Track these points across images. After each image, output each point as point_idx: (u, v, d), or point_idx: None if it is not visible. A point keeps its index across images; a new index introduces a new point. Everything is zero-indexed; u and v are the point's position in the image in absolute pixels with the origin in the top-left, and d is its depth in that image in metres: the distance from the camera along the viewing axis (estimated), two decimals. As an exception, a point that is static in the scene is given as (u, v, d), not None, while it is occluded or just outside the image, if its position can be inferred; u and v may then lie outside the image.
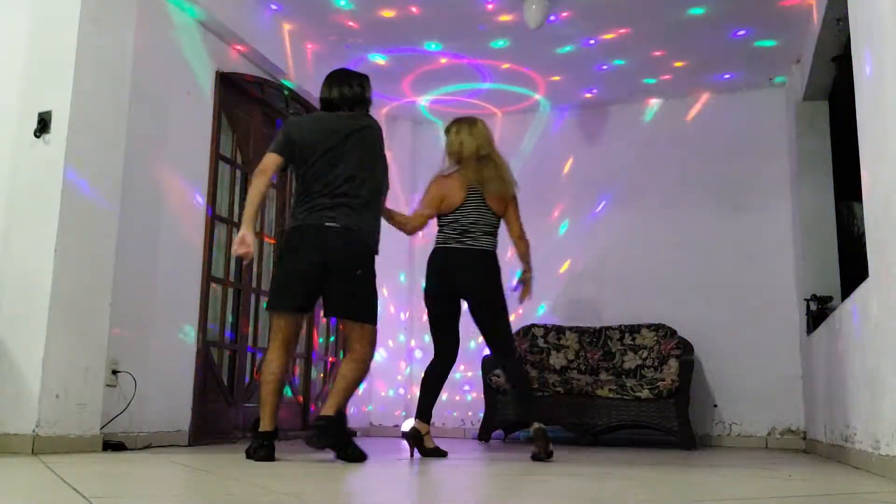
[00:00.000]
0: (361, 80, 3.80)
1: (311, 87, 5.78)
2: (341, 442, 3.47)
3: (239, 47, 5.05)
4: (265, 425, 3.49)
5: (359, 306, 3.54)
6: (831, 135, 5.41)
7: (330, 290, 3.51)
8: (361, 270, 3.52)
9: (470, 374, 6.60)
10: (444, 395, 6.71)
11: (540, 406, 4.27)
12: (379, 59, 5.90)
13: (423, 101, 6.66)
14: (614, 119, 6.65)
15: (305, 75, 5.70)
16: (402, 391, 6.73)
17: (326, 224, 3.46)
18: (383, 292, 6.91)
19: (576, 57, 5.79)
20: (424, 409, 4.08)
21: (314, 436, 3.44)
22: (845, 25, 3.78)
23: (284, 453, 3.90)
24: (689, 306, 6.10)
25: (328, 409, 3.49)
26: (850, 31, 3.47)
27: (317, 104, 5.92)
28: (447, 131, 4.28)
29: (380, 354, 6.82)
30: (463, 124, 4.22)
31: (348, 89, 3.73)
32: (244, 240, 3.48)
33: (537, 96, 6.53)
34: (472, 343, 6.72)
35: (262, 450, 3.40)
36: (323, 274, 3.47)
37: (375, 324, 3.58)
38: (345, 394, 3.56)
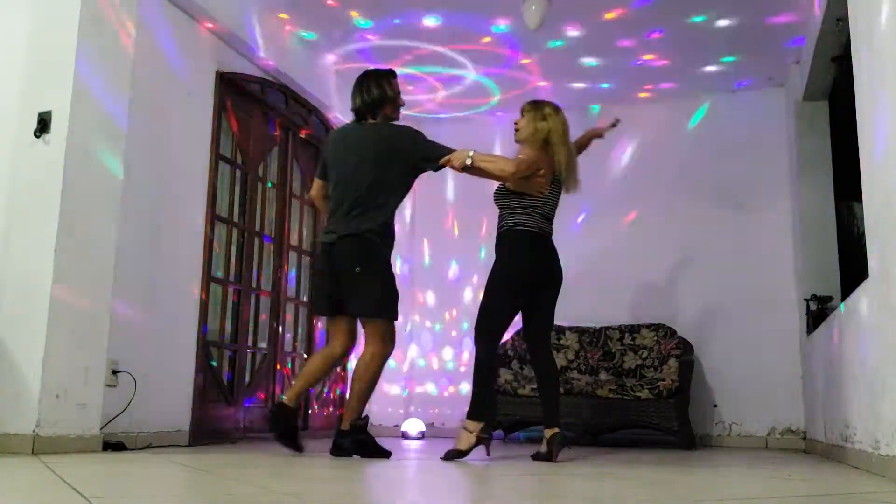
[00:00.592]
0: (379, 80, 3.88)
1: (312, 87, 5.78)
2: (364, 450, 3.69)
3: (239, 47, 5.05)
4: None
5: (363, 303, 3.69)
6: (831, 135, 5.41)
7: (343, 294, 3.72)
8: (360, 268, 3.64)
9: (470, 374, 6.60)
10: (446, 394, 6.75)
11: (561, 409, 3.95)
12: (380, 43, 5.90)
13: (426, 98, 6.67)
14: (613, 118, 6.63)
15: (306, 75, 5.70)
16: (402, 391, 6.72)
17: (337, 238, 3.71)
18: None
19: (576, 57, 5.78)
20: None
21: (335, 451, 3.71)
22: (845, 25, 3.78)
23: (288, 452, 3.90)
24: (689, 306, 6.11)
25: (345, 423, 3.70)
26: (850, 31, 3.47)
27: (317, 104, 5.97)
28: (524, 111, 3.99)
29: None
30: (543, 106, 3.95)
31: (367, 95, 3.85)
32: None
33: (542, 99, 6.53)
34: (468, 346, 6.73)
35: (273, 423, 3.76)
36: (334, 280, 3.71)
37: (386, 317, 3.74)
38: (359, 398, 3.70)
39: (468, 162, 3.68)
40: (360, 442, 3.70)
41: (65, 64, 3.62)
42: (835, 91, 5.20)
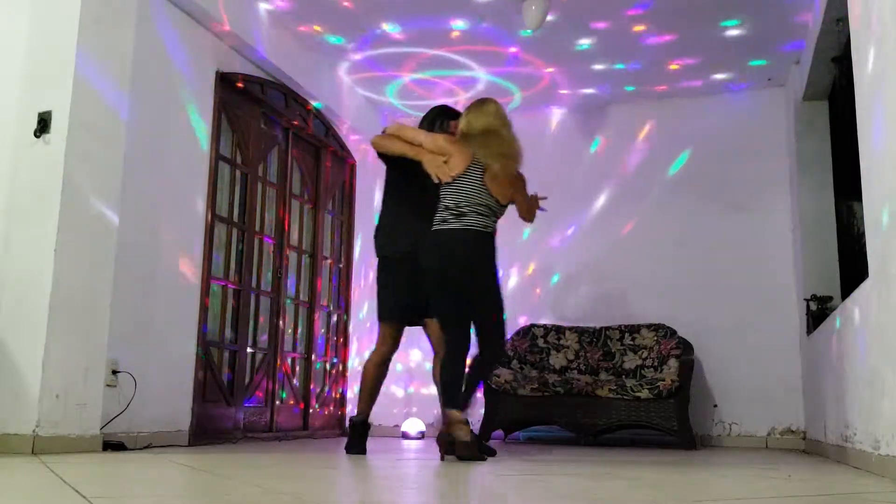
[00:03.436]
0: (428, 115, 4.15)
1: (312, 87, 5.78)
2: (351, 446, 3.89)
3: (239, 47, 5.05)
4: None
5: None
6: (831, 135, 5.41)
7: None
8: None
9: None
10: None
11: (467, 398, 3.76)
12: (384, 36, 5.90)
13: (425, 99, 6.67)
14: (614, 119, 6.65)
15: (306, 75, 5.70)
16: (402, 391, 6.72)
17: None
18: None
19: (575, 57, 5.79)
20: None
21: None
22: (845, 25, 3.78)
23: (285, 453, 3.90)
24: (689, 306, 6.10)
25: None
26: (850, 31, 3.47)
27: (317, 104, 5.96)
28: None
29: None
30: (473, 105, 3.91)
31: (420, 125, 4.15)
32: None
33: (541, 100, 6.53)
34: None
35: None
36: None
37: (380, 320, 3.98)
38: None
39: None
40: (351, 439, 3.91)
41: (65, 64, 3.62)
42: (835, 91, 5.20)
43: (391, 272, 3.96)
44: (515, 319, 6.57)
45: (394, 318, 3.99)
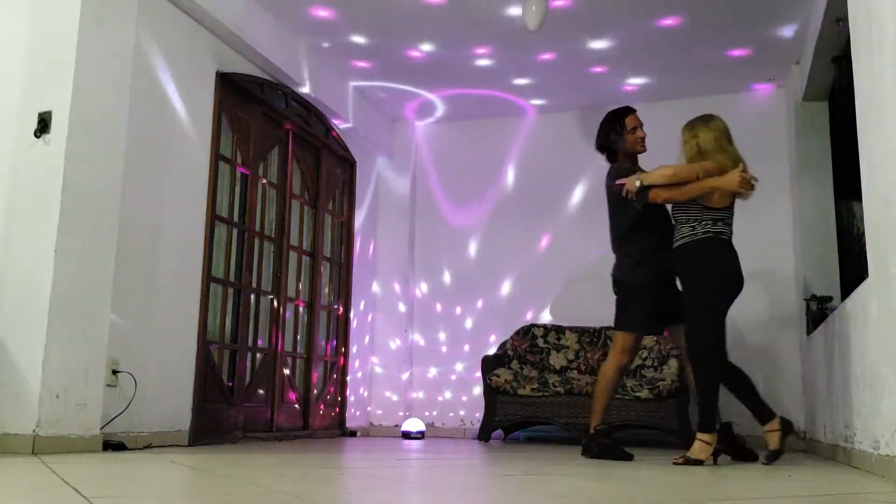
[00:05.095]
0: (602, 125, 4.38)
1: (312, 88, 5.78)
2: (607, 453, 3.98)
3: (239, 47, 5.05)
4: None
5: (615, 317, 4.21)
6: (831, 135, 5.41)
7: None
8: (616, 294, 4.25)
9: (469, 373, 6.60)
10: (446, 394, 6.75)
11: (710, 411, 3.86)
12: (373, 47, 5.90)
13: (430, 97, 6.67)
14: (614, 119, 6.64)
15: (306, 75, 5.70)
16: (402, 391, 6.72)
17: None
18: (396, 289, 6.92)
19: (575, 57, 5.78)
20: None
21: (584, 451, 4.13)
22: (845, 25, 3.78)
23: (286, 453, 3.90)
24: (689, 306, 6.08)
25: (591, 428, 4.14)
26: (850, 31, 3.47)
27: (317, 104, 5.96)
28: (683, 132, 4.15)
29: (381, 355, 6.82)
30: (697, 122, 4.10)
31: (596, 142, 4.42)
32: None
33: (538, 100, 6.54)
34: (467, 346, 6.73)
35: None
36: None
37: (625, 329, 4.13)
38: (598, 404, 4.11)
39: (637, 184, 3.95)
40: (602, 445, 4.02)
41: (65, 64, 3.62)
42: (835, 91, 5.20)
43: (638, 291, 4.11)
44: (517, 319, 6.57)
45: (643, 327, 4.17)
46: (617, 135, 4.29)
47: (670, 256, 3.97)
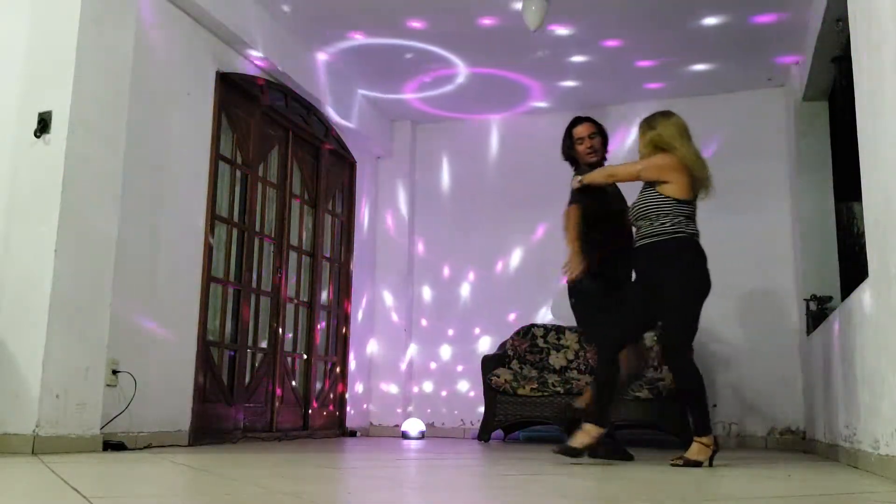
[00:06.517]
0: (565, 134, 4.34)
1: (312, 88, 5.78)
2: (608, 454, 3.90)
3: (239, 47, 5.05)
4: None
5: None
6: (831, 135, 5.41)
7: None
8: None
9: (469, 373, 6.60)
10: (446, 394, 6.75)
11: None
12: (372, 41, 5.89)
13: (420, 97, 6.67)
14: (613, 119, 6.64)
15: (305, 75, 5.70)
16: (402, 391, 6.72)
17: None
18: (385, 297, 6.92)
19: (574, 57, 5.78)
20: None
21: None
22: (845, 25, 3.78)
23: (286, 453, 3.90)
24: (689, 306, 6.09)
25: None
26: (850, 31, 3.47)
27: (317, 104, 5.96)
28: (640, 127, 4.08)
29: (381, 355, 6.83)
30: (656, 116, 4.05)
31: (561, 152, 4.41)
32: None
33: (538, 101, 6.54)
34: (468, 346, 6.73)
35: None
36: None
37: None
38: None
39: (576, 184, 4.10)
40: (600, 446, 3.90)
41: (65, 64, 3.62)
42: (835, 91, 5.20)
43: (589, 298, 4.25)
44: (517, 319, 6.58)
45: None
46: (568, 147, 4.31)
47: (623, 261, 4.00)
